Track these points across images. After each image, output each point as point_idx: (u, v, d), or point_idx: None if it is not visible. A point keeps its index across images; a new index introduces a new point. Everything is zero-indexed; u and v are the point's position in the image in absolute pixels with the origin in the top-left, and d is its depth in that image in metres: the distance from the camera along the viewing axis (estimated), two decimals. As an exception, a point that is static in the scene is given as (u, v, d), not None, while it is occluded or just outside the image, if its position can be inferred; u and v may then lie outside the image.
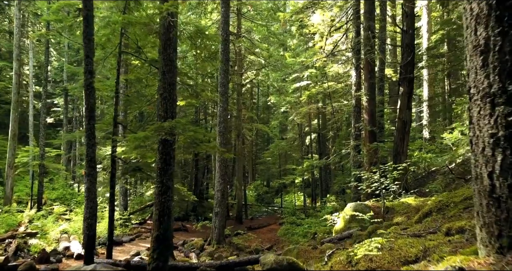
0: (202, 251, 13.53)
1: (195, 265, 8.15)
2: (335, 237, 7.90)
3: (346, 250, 4.66)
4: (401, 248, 3.50)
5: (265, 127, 25.73)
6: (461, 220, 3.92)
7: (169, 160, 6.94)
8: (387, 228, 6.70)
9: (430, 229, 4.36)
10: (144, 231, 16.69)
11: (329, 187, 29.46)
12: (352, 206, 8.65)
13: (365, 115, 12.84)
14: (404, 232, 4.69)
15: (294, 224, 18.60)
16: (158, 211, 6.78)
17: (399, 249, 3.50)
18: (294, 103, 26.37)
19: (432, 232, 4.11)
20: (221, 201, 14.22)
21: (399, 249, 3.50)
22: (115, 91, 9.28)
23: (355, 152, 12.91)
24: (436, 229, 4.23)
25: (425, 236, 3.96)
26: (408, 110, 12.27)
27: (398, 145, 12.07)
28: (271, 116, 38.86)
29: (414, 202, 8.25)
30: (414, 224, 5.45)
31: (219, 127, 14.43)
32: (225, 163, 14.44)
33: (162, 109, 6.99)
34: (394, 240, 4.05)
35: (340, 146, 21.41)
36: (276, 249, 15.59)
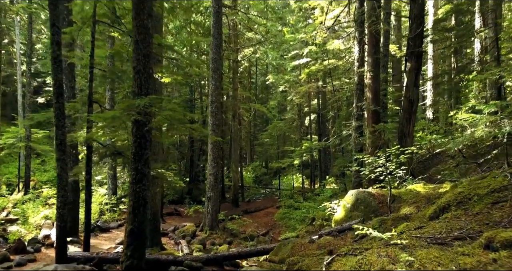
0: (194, 237, 12.82)
1: (179, 259, 7.36)
2: (335, 229, 7.07)
3: (347, 257, 3.80)
4: (425, 266, 2.61)
5: (263, 107, 24.74)
6: (505, 229, 3.02)
7: (145, 143, 6.01)
8: (394, 221, 5.86)
9: (455, 232, 3.48)
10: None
11: (328, 168, 28.72)
12: (354, 194, 7.80)
13: (368, 93, 11.84)
14: (420, 233, 3.81)
15: (292, 208, 17.90)
16: (132, 202, 5.91)
17: (422, 267, 2.62)
18: (293, 83, 25.25)
19: (459, 237, 3.23)
20: (214, 185, 13.41)
21: (422, 267, 2.62)
22: (90, 66, 8.26)
23: (357, 133, 11.98)
24: (464, 233, 3.35)
25: (452, 244, 3.08)
26: (416, 88, 11.26)
27: (404, 126, 11.13)
28: (270, 96, 37.74)
29: (424, 190, 7.38)
30: (430, 221, 4.58)
31: (211, 107, 13.46)
32: (218, 145, 13.55)
33: (135, 84, 6.01)
34: (411, 248, 3.18)
35: (341, 127, 20.48)
36: (272, 235, 14.91)
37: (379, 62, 12.26)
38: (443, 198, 5.03)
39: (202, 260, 7.32)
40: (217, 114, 13.42)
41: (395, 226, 5.71)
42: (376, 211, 7.28)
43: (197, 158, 26.01)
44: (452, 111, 19.77)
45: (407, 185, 8.41)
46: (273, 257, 6.62)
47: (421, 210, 6.18)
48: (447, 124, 22.24)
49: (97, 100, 8.22)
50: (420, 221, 5.06)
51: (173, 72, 9.88)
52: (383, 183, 8.54)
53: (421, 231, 3.90)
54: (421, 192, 7.29)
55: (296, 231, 13.73)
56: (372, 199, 7.51)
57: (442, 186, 7.19)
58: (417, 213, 6.08)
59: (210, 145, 13.46)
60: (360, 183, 11.78)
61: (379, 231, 5.72)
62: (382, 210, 7.27)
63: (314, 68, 19.87)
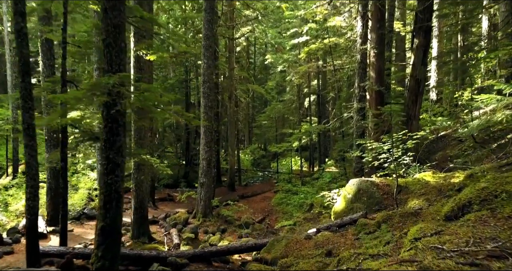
0: (186, 225, 12.18)
1: (163, 255, 6.70)
2: (334, 223, 6.37)
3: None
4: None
5: (260, 88, 23.82)
6: None
7: (117, 128, 5.22)
8: (402, 218, 5.14)
9: (486, 244, 2.74)
10: (127, 201, 15.32)
11: (327, 151, 28.03)
12: (355, 183, 7.07)
13: (372, 72, 10.97)
14: (440, 242, 3.07)
15: (290, 192, 17.27)
16: (104, 195, 5.17)
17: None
18: (292, 62, 24.23)
19: (496, 255, 2.49)
20: (207, 171, 12.71)
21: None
22: (62, 41, 7.37)
23: (359, 116, 11.18)
24: (500, 246, 2.61)
25: (490, 267, 2.34)
26: (423, 66, 10.40)
27: (410, 108, 10.33)
28: (269, 77, 36.68)
29: (433, 179, 6.65)
30: (448, 223, 3.84)
31: (203, 87, 12.60)
32: (211, 128, 12.76)
33: (105, 60, 5.17)
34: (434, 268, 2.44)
35: (341, 109, 19.63)
36: (268, 221, 14.30)
37: (383, 39, 11.32)
38: (462, 194, 4.28)
39: (188, 256, 6.66)
40: (210, 95, 12.57)
41: (403, 223, 5.01)
42: (380, 203, 6.57)
43: (192, 141, 25.29)
44: (458, 92, 18.94)
45: (414, 173, 7.68)
46: (265, 254, 5.95)
47: (433, 204, 5.46)
48: (452, 106, 21.42)
49: (73, 79, 7.35)
50: (435, 220, 4.33)
51: (159, 49, 8.98)
52: (386, 170, 7.82)
53: (441, 239, 3.16)
54: (431, 182, 6.56)
55: (293, 218, 13.12)
56: (375, 189, 6.78)
57: (454, 175, 6.45)
58: (428, 207, 5.36)
59: (202, 128, 12.67)
60: (361, 169, 11.07)
61: (385, 229, 5.00)
62: (387, 202, 6.56)
63: (314, 47, 18.85)
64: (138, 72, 9.54)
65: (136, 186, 9.73)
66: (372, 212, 6.49)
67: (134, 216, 9.75)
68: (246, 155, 32.10)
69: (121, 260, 6.79)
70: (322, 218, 11.37)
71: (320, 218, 11.63)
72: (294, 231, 11.55)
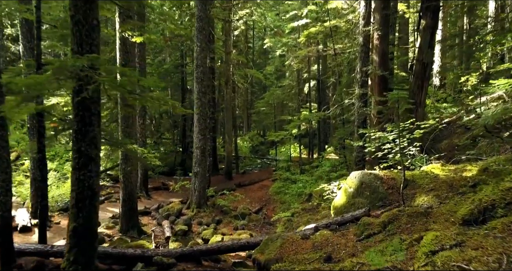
0: (179, 216, 11.71)
1: (149, 254, 6.19)
2: (334, 220, 5.83)
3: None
4: None
5: (259, 73, 23.05)
6: None
7: (90, 117, 4.62)
8: (411, 218, 4.59)
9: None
10: (115, 191, 14.82)
11: (327, 137, 27.48)
12: (357, 176, 6.51)
13: (375, 56, 10.30)
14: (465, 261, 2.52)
15: (288, 181, 16.78)
16: (76, 193, 4.61)
17: None
18: (291, 46, 23.42)
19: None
20: (201, 160, 12.16)
21: None
22: (36, 21, 6.70)
23: (361, 102, 10.54)
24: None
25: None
26: (431, 49, 9.73)
27: (416, 94, 9.71)
28: (268, 61, 35.82)
29: (443, 173, 6.08)
30: (468, 230, 3.28)
31: (196, 72, 11.93)
32: (205, 115, 12.14)
33: (74, 40, 4.53)
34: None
35: (342, 95, 18.96)
36: (265, 212, 13.83)
37: (388, 20, 10.59)
38: (483, 194, 3.71)
39: (176, 255, 6.15)
40: (203, 80, 11.91)
41: (411, 225, 4.46)
42: (385, 198, 6.02)
43: (189, 128, 24.63)
44: (463, 77, 18.24)
45: (421, 165, 7.11)
46: (258, 255, 5.43)
47: (444, 202, 4.90)
48: (456, 92, 20.76)
49: (49, 62, 6.69)
50: (450, 224, 3.78)
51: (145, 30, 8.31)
52: (390, 161, 7.23)
53: (465, 255, 2.60)
54: (440, 176, 5.99)
55: (291, 208, 12.64)
56: (379, 183, 6.22)
57: (466, 168, 5.88)
58: (439, 206, 4.80)
59: (196, 116, 12.07)
60: (363, 159, 10.50)
61: (392, 231, 4.47)
62: (391, 197, 6.00)
63: (314, 30, 18.03)
64: (124, 55, 8.88)
65: (124, 177, 9.19)
66: (375, 208, 5.94)
67: (123, 209, 9.24)
68: (244, 142, 31.56)
69: (104, 259, 6.30)
70: (321, 209, 10.87)
71: (319, 209, 11.14)
72: (291, 223, 11.10)
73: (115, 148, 7.03)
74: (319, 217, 10.57)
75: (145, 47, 16.42)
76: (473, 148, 8.62)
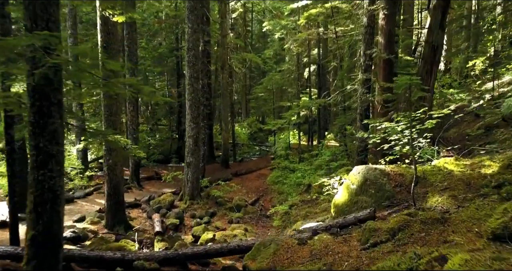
0: (171, 209, 11.11)
1: (129, 257, 5.57)
2: (335, 222, 5.19)
3: None
4: None
5: (256, 57, 22.17)
6: None
7: (49, 107, 3.92)
8: (425, 225, 3.94)
9: None
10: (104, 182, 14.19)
11: (327, 123, 26.79)
12: (361, 172, 5.84)
13: (381, 38, 9.50)
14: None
15: (287, 170, 16.16)
16: (34, 195, 3.94)
17: None
18: (291, 29, 22.45)
19: None
20: (194, 149, 11.49)
21: None
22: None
23: (364, 88, 9.80)
24: None
25: None
26: (442, 30, 8.93)
27: (424, 79, 8.93)
28: (268, 45, 34.80)
29: (457, 168, 5.41)
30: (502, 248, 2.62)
31: (188, 55, 11.15)
32: (197, 102, 11.40)
33: (26, 15, 3.78)
34: None
35: (343, 80, 18.17)
36: (262, 203, 13.25)
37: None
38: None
39: (159, 259, 5.54)
40: (195, 64, 11.13)
41: (426, 234, 3.81)
42: (392, 197, 5.37)
43: (184, 115, 23.88)
44: (471, 62, 17.39)
45: (431, 159, 6.44)
46: (249, 262, 4.82)
47: (463, 205, 4.24)
48: (462, 77, 19.98)
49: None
50: (476, 236, 3.12)
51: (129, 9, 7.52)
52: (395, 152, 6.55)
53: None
54: (454, 172, 5.32)
55: (289, 200, 12.06)
56: (386, 180, 5.56)
57: (484, 164, 5.21)
58: (458, 210, 4.14)
59: (188, 102, 11.34)
60: (365, 149, 9.83)
61: (402, 241, 3.82)
62: (400, 196, 5.35)
63: (315, 12, 17.09)
64: (106, 37, 8.10)
65: (108, 169, 8.53)
66: (381, 208, 5.30)
67: (108, 203, 8.62)
68: (243, 128, 30.83)
69: (80, 263, 5.71)
70: (321, 201, 10.28)
71: (318, 201, 10.54)
72: (289, 216, 10.51)
73: (94, 139, 6.33)
74: (318, 210, 9.98)
75: (135, 30, 15.56)
76: (486, 138, 7.95)
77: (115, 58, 8.32)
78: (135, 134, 13.46)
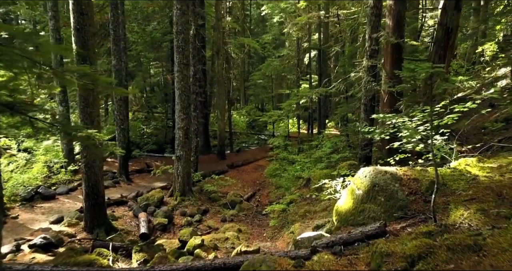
0: (160, 206, 10.34)
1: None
2: (338, 238, 4.36)
3: None
4: None
5: (254, 42, 21.13)
6: None
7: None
8: (453, 253, 3.12)
9: None
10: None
11: (328, 111, 25.90)
12: (368, 175, 5.00)
13: (389, 20, 8.53)
14: None
15: (285, 161, 15.37)
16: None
17: None
18: (290, 13, 21.34)
19: None
20: (185, 142, 10.66)
21: None
22: None
23: (369, 76, 8.89)
24: None
25: None
26: (457, 11, 7.95)
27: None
28: (266, 30, 33.60)
29: (482, 173, 4.57)
30: None
31: (176, 39, 10.20)
32: (187, 91, 10.49)
33: None
34: None
35: (345, 66, 17.19)
36: (258, 198, 12.48)
37: (405, -25, 8.75)
38: None
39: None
40: (185, 49, 10.19)
41: (456, 266, 2.99)
42: (406, 207, 4.55)
43: (180, 102, 22.95)
44: (481, 47, 16.41)
45: (448, 158, 5.59)
46: (235, 286, 4.03)
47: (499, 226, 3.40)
48: (470, 63, 18.99)
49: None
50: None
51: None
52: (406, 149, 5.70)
53: None
54: (480, 177, 4.49)
55: (287, 196, 11.28)
56: (398, 186, 4.73)
57: (515, 167, 4.36)
58: (493, 232, 3.31)
59: (177, 91, 10.45)
60: (370, 143, 9.00)
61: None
62: (415, 206, 4.52)
63: (316, -7, 16.07)
64: (79, 18, 7.16)
65: (86, 167, 7.70)
66: (393, 220, 4.49)
67: (86, 204, 7.82)
68: (241, 116, 29.95)
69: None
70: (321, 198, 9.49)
71: (318, 198, 9.76)
72: (286, 216, 9.74)
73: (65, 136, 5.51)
74: (318, 209, 9.19)
75: (123, 12, 14.54)
76: (507, 132, 7.10)
77: (90, 42, 7.39)
78: (122, 125, 12.59)
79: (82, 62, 7.39)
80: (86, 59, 7.40)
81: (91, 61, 7.51)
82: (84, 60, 7.40)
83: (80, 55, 7.34)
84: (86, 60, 7.41)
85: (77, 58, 7.40)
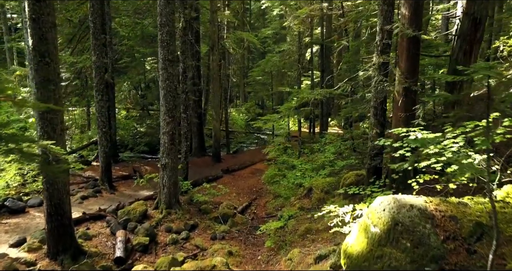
0: (143, 221, 9.17)
1: None
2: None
3: None
4: None
5: (252, 36, 19.86)
6: None
7: None
8: None
9: None
10: (79, 181, 12.22)
11: (330, 108, 24.65)
12: (387, 208, 3.81)
13: (404, 9, 7.26)
14: None
15: (285, 166, 14.16)
16: None
17: None
18: (291, 5, 20.06)
19: None
20: (170, 148, 9.48)
21: None
22: None
23: (380, 75, 7.67)
24: None
25: None
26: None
27: (461, 62, 6.81)
28: (268, 24, 32.31)
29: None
30: None
31: (160, 33, 8.99)
32: (173, 91, 9.29)
33: None
34: None
35: (349, 62, 15.91)
36: (254, 210, 11.30)
37: (423, -43, 7.49)
38: None
39: None
40: (170, 44, 8.98)
41: None
42: (441, 258, 3.35)
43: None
44: (498, 42, 15.23)
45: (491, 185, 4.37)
46: None
47: None
48: (483, 59, 17.73)
49: None
50: None
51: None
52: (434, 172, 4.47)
53: None
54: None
55: (286, 208, 10.12)
56: (429, 227, 3.52)
57: None
58: None
59: (161, 91, 9.24)
60: (380, 153, 7.79)
61: None
62: (455, 258, 3.32)
63: (318, -17, 14.78)
64: (35, 5, 5.96)
65: (47, 183, 6.53)
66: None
67: (48, 226, 6.66)
68: (240, 114, 28.77)
69: None
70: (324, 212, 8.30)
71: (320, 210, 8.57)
72: (284, 234, 8.55)
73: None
74: (320, 227, 8.02)
75: (108, 3, 13.32)
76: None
77: (50, 34, 6.19)
78: (105, 128, 11.40)
79: (40, 59, 6.21)
80: (44, 55, 6.21)
81: (51, 57, 6.32)
82: (43, 56, 6.21)
83: (37, 51, 6.15)
84: (45, 56, 6.22)
85: (33, 55, 6.20)
